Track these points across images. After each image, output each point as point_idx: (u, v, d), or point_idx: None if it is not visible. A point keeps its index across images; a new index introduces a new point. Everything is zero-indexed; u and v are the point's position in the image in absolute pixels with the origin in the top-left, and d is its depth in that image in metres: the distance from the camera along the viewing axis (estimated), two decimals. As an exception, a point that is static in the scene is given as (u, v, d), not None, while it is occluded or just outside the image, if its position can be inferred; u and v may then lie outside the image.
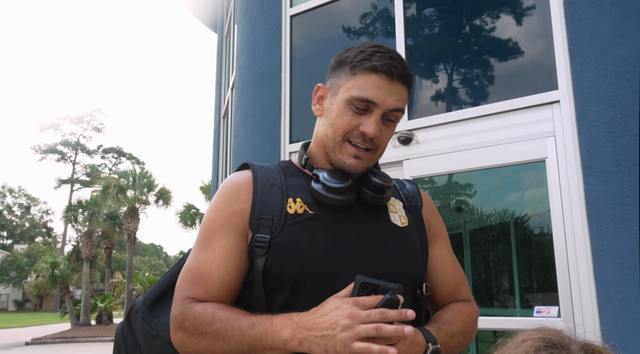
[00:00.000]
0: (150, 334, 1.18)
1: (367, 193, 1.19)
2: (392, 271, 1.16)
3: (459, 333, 1.19)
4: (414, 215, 1.29)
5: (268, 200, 1.15)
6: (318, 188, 1.15)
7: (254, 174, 1.20)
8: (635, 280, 2.33)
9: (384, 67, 1.13)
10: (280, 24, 4.14)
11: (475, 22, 3.35)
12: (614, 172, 2.47)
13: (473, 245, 4.36)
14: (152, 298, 1.23)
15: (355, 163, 1.16)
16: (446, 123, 3.18)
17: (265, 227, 1.12)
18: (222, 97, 7.23)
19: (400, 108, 1.17)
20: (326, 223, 1.15)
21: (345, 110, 1.16)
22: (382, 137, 1.17)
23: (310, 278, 1.09)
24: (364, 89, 1.13)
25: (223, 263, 1.12)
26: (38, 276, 27.44)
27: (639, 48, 2.49)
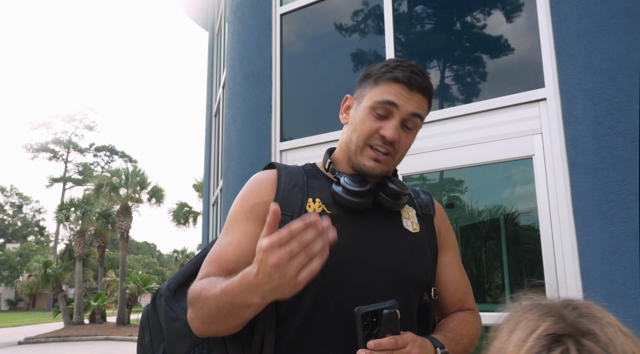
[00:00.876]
0: (171, 317, 1.26)
1: (384, 198, 1.26)
2: (400, 272, 1.23)
3: (463, 340, 1.26)
4: (425, 223, 1.37)
5: (289, 198, 1.23)
6: (339, 191, 1.23)
7: (279, 173, 1.28)
8: (619, 275, 2.37)
9: (404, 78, 1.22)
10: (271, 22, 4.15)
11: (463, 20, 3.37)
12: (599, 169, 2.50)
13: (464, 242, 4.39)
14: (176, 283, 1.31)
15: (374, 166, 1.24)
16: (435, 121, 3.20)
17: (284, 223, 1.17)
18: (214, 95, 7.23)
19: (419, 114, 1.24)
20: (341, 223, 1.21)
21: (368, 116, 1.24)
22: (401, 142, 1.24)
23: (323, 274, 1.11)
24: (386, 94, 1.23)
25: (239, 245, 1.19)
26: (30, 275, 27.30)
27: (623, 46, 2.52)
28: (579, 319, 0.68)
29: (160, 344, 1.30)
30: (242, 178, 3.92)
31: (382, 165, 1.24)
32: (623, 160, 2.44)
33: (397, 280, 1.22)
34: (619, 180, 2.44)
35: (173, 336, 1.26)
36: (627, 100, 2.47)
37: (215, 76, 7.27)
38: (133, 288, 26.34)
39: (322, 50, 3.97)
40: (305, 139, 3.74)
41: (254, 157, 3.90)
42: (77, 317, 26.26)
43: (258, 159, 3.87)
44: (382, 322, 1.05)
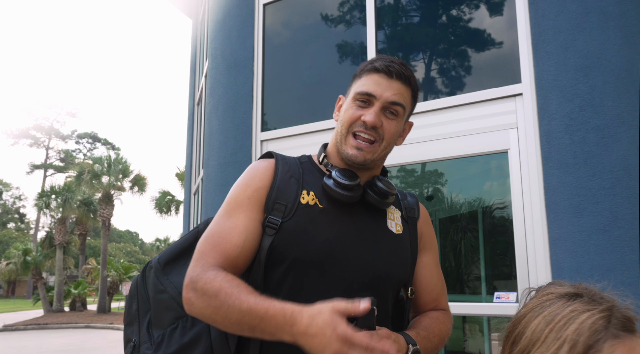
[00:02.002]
0: (159, 289, 1.32)
1: (371, 195, 1.32)
2: (379, 270, 1.29)
3: (434, 338, 1.31)
4: (409, 225, 1.43)
5: (285, 188, 1.30)
6: (329, 183, 1.28)
7: (277, 163, 1.35)
8: (587, 268, 2.44)
9: (382, 66, 1.30)
10: (254, 12, 4.14)
11: (443, 15, 3.40)
12: (571, 164, 2.56)
13: (443, 233, 4.45)
14: (166, 257, 1.38)
15: (356, 154, 1.29)
16: (415, 114, 3.22)
17: (279, 211, 1.26)
18: (196, 83, 7.20)
19: (399, 102, 1.30)
20: (331, 217, 1.28)
21: (351, 105, 1.33)
22: (385, 128, 1.30)
23: (304, 262, 1.22)
24: (365, 85, 1.31)
25: (245, 230, 1.24)
26: (9, 263, 27.00)
27: (597, 44, 2.57)
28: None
29: (146, 313, 1.36)
30: (223, 168, 3.93)
31: (364, 153, 1.29)
32: (594, 156, 2.50)
33: (376, 277, 1.28)
34: (589, 175, 2.50)
35: (159, 307, 1.32)
36: (599, 97, 2.53)
37: (198, 65, 7.23)
38: (114, 276, 26.21)
39: (305, 41, 3.98)
40: (286, 129, 3.75)
41: (235, 147, 3.90)
42: (57, 305, 26.07)
43: (239, 149, 3.87)
44: (358, 318, 1.08)
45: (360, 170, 1.35)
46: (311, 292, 1.21)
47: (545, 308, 0.91)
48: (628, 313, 0.87)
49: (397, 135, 1.36)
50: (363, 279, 1.26)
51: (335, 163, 1.38)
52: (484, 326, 3.92)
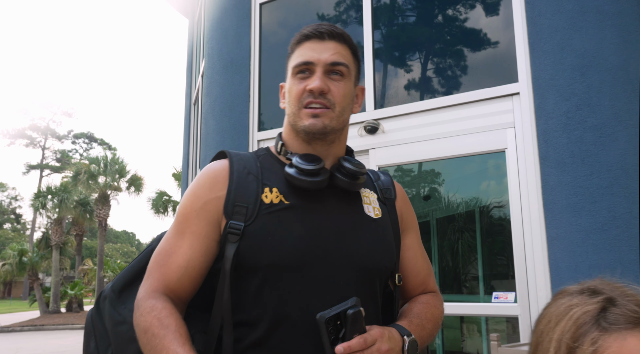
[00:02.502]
0: (117, 321, 1.19)
1: (340, 178, 1.19)
2: (364, 261, 1.18)
3: (428, 324, 1.23)
4: (387, 207, 1.32)
5: (244, 188, 1.17)
6: (292, 172, 1.16)
7: (231, 162, 1.22)
8: (586, 267, 2.44)
9: (312, 31, 1.22)
10: (250, 11, 4.13)
11: (438, 15, 3.40)
12: (568, 163, 2.56)
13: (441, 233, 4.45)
14: (121, 284, 1.24)
15: (314, 122, 1.18)
16: (411, 113, 3.23)
17: (240, 214, 1.14)
18: (193, 83, 7.18)
19: (340, 61, 1.20)
20: (300, 213, 1.16)
21: (293, 82, 1.22)
22: (333, 92, 1.19)
23: (282, 267, 1.11)
24: (300, 55, 1.22)
25: (190, 248, 1.15)
26: (5, 263, 26.92)
27: (593, 43, 2.57)
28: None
29: (106, 350, 1.22)
30: (220, 168, 3.92)
31: (322, 118, 1.18)
32: (591, 155, 2.50)
33: (361, 269, 1.18)
34: (587, 174, 2.50)
35: (120, 340, 1.18)
36: (596, 96, 2.53)
37: (195, 64, 7.21)
38: (111, 276, 26.12)
39: (301, 41, 3.97)
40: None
41: (232, 146, 3.89)
42: (53, 306, 25.98)
43: (236, 148, 3.85)
44: (347, 324, 1.02)
45: (323, 145, 1.23)
46: (294, 299, 1.10)
47: (549, 307, 0.87)
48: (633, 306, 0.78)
49: (349, 98, 1.24)
50: (348, 275, 1.15)
51: (295, 150, 1.25)
52: (482, 326, 3.92)
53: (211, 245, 1.16)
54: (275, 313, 1.10)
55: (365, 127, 3.34)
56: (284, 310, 1.10)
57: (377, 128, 3.31)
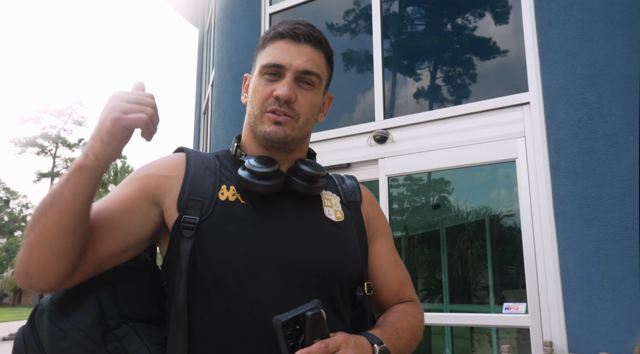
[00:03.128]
0: (58, 336, 1.03)
1: (297, 182, 1.13)
2: (322, 265, 1.10)
3: (404, 333, 1.15)
4: (352, 211, 1.24)
5: (200, 182, 1.11)
6: (244, 175, 1.10)
7: (188, 156, 1.16)
8: (598, 278, 2.41)
9: (287, 31, 1.14)
10: (260, 21, 4.15)
11: (449, 24, 3.40)
12: (580, 173, 2.54)
13: (450, 242, 4.42)
14: (62, 295, 1.07)
15: (275, 129, 1.12)
16: (421, 123, 3.23)
17: (195, 209, 1.07)
18: (203, 92, 7.22)
19: (312, 71, 1.14)
20: (256, 214, 1.10)
21: (260, 82, 1.14)
22: (300, 102, 1.13)
23: (233, 270, 1.03)
24: (271, 55, 1.13)
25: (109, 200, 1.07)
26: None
27: (604, 53, 2.56)
28: None
29: None
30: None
31: (284, 127, 1.12)
32: (603, 165, 2.48)
33: (320, 276, 1.09)
34: (598, 184, 2.48)
35: None
36: (607, 106, 2.51)
37: (205, 74, 7.26)
38: (120, 284, 26.20)
39: (311, 51, 3.98)
40: (292, 139, 3.75)
41: (241, 156, 3.91)
42: (63, 313, 26.10)
43: (245, 158, 3.88)
44: (306, 327, 0.93)
45: (281, 152, 1.17)
46: (244, 305, 1.02)
47: None
48: None
49: (316, 109, 1.18)
50: (305, 280, 1.07)
51: (252, 153, 1.19)
52: (493, 337, 3.89)
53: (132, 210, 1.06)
54: (225, 319, 1.02)
55: (374, 137, 3.34)
56: (233, 317, 1.02)
57: (387, 137, 3.31)
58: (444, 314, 3.59)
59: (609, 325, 2.37)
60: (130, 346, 1.01)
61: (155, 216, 1.09)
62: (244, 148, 1.21)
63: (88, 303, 1.05)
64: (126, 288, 1.08)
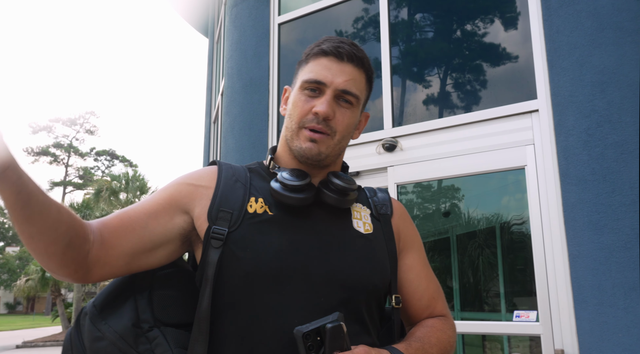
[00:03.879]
0: (96, 336, 1.11)
1: (328, 194, 1.15)
2: (350, 278, 1.11)
3: (432, 349, 1.13)
4: (382, 224, 1.24)
5: (230, 194, 1.13)
6: (276, 187, 1.12)
7: (220, 168, 1.20)
8: (609, 286, 2.40)
9: (331, 48, 1.17)
10: (269, 31, 4.19)
11: (457, 32, 3.41)
12: (589, 180, 2.53)
13: (461, 250, 4.41)
14: (102, 299, 1.16)
15: (310, 146, 1.14)
16: (430, 131, 3.24)
17: (224, 220, 1.10)
18: (213, 102, 7.27)
19: (351, 91, 1.16)
20: (284, 225, 1.12)
21: (300, 97, 1.18)
22: (337, 120, 1.15)
23: (259, 280, 1.06)
24: (313, 72, 1.16)
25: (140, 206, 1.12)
26: (28, 279, 27.29)
27: (613, 60, 2.56)
28: None
29: None
30: (239, 186, 3.95)
31: (319, 145, 1.14)
32: (613, 172, 2.47)
33: (345, 287, 1.10)
34: (609, 191, 2.47)
35: None
36: (617, 113, 2.51)
37: (215, 83, 7.32)
38: (132, 292, 26.22)
39: (320, 60, 4.01)
40: (301, 147, 3.77)
41: (251, 165, 3.93)
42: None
43: (255, 167, 3.90)
44: (326, 339, 0.94)
45: (315, 168, 1.19)
46: (269, 315, 1.04)
47: None
48: None
49: (352, 127, 1.20)
50: (331, 292, 1.07)
51: (287, 166, 1.21)
52: (505, 345, 3.86)
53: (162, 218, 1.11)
54: (248, 328, 1.04)
55: (383, 145, 3.35)
56: (258, 326, 1.04)
57: (396, 145, 3.31)
58: (455, 322, 3.57)
59: (621, 333, 2.35)
60: (158, 348, 1.06)
61: (182, 223, 1.13)
62: (279, 160, 1.24)
63: (126, 307, 1.11)
64: (162, 293, 1.13)
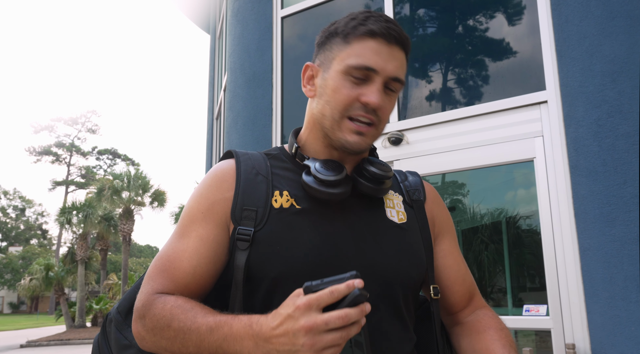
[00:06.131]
0: (123, 344, 1.08)
1: (364, 183, 1.07)
2: (387, 272, 1.05)
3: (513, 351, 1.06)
4: (415, 211, 1.17)
5: (252, 190, 1.06)
6: (309, 181, 1.04)
7: (237, 162, 1.10)
8: (621, 279, 2.36)
9: (381, 30, 1.04)
10: (272, 25, 4.15)
11: (463, 24, 3.37)
12: (600, 172, 2.49)
13: (466, 244, 4.38)
14: (126, 305, 1.13)
15: (358, 140, 1.05)
16: (436, 124, 3.20)
17: (249, 219, 1.03)
18: (215, 98, 7.24)
19: (400, 78, 1.07)
20: (314, 218, 1.05)
21: (343, 83, 1.05)
22: (385, 109, 1.06)
23: (293, 278, 0.98)
24: (362, 56, 1.03)
25: (196, 253, 1.02)
26: (32, 279, 27.34)
27: (624, 49, 2.51)
28: None
29: None
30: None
31: (366, 138, 1.06)
32: (624, 163, 2.43)
33: (383, 282, 1.04)
34: (620, 183, 2.43)
35: None
36: (628, 103, 2.46)
37: (217, 79, 7.28)
38: (135, 291, 26.26)
39: (323, 53, 3.97)
40: (306, 142, 3.74)
41: (255, 160, 3.89)
42: (79, 320, 26.25)
43: (259, 162, 3.87)
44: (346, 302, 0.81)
45: (351, 156, 1.11)
46: None
47: None
48: None
49: (390, 113, 1.11)
50: (368, 285, 0.95)
51: (316, 153, 1.12)
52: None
53: (220, 250, 1.04)
54: None
55: (389, 138, 3.31)
56: None
57: (402, 139, 3.28)
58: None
59: (633, 327, 2.32)
60: None
61: (229, 236, 1.06)
62: (306, 147, 1.15)
63: None
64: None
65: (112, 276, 28.98)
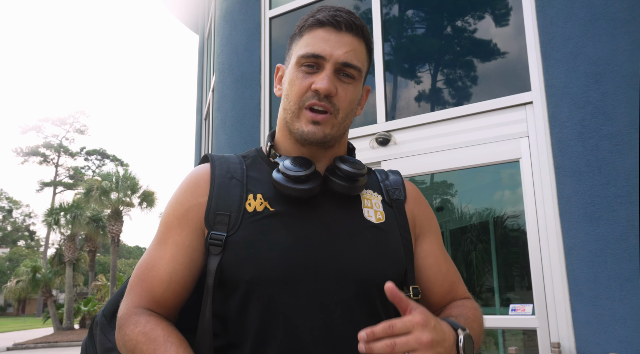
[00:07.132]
0: (107, 347, 1.10)
1: (336, 182, 1.06)
2: (362, 272, 1.03)
3: (474, 323, 1.06)
4: (395, 210, 1.16)
5: (226, 194, 1.06)
6: (278, 178, 1.04)
7: (213, 166, 1.10)
8: (605, 278, 2.39)
9: (327, 18, 1.06)
10: (260, 26, 4.15)
11: (450, 25, 3.39)
12: (584, 172, 2.52)
13: (454, 244, 4.40)
14: (111, 309, 1.14)
15: (314, 130, 1.05)
16: (423, 125, 3.21)
17: (222, 224, 1.02)
18: (204, 98, 7.22)
19: (353, 64, 1.06)
20: (288, 220, 1.04)
21: (297, 74, 1.07)
22: (340, 96, 1.06)
23: (267, 282, 0.98)
24: (310, 45, 1.06)
25: (172, 260, 1.03)
26: (18, 281, 27.07)
27: (607, 50, 2.55)
28: None
29: None
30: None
31: (323, 127, 1.05)
32: (608, 163, 2.46)
33: (359, 282, 1.03)
34: (604, 183, 2.46)
35: None
36: (611, 104, 2.50)
37: (206, 79, 7.27)
38: (124, 292, 26.09)
39: (311, 54, 3.98)
40: (294, 142, 3.74)
41: (243, 161, 3.89)
42: (67, 322, 26.03)
43: (247, 163, 3.87)
44: None
45: (319, 149, 1.11)
46: (279, 318, 0.98)
47: None
48: None
49: (355, 103, 1.10)
50: (344, 288, 1.01)
51: (287, 151, 1.12)
52: (499, 339, 3.85)
53: (195, 255, 1.04)
54: (259, 335, 0.98)
55: (376, 139, 3.32)
56: (269, 331, 0.98)
57: (389, 139, 3.29)
58: (450, 316, 3.55)
59: (617, 325, 2.35)
60: None
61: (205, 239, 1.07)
62: (278, 147, 1.15)
63: None
64: None
65: (101, 277, 28.77)
